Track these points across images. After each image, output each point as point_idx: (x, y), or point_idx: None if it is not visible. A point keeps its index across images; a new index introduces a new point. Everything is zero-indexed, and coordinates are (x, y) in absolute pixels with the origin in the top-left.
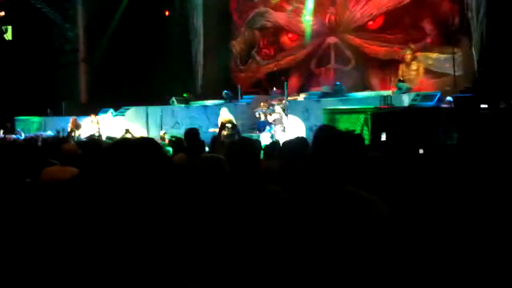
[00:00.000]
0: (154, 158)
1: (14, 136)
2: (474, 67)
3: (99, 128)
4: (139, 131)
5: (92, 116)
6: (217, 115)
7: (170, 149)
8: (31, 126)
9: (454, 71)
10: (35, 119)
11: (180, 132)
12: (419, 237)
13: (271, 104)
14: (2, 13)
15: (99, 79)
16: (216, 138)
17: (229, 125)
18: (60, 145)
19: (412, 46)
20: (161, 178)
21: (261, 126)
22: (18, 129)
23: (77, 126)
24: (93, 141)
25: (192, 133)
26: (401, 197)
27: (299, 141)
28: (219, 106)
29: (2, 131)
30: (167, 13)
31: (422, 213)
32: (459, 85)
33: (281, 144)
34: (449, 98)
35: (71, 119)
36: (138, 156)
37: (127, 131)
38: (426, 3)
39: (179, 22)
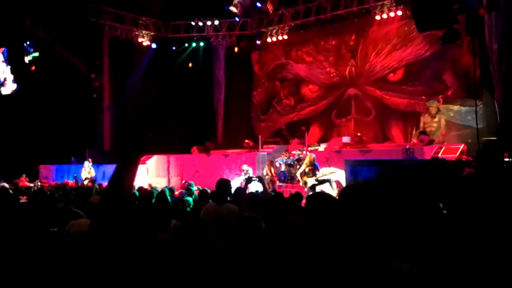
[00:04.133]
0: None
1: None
2: (497, 120)
3: (89, 174)
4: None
5: (86, 163)
6: (237, 163)
7: (190, 199)
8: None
9: (477, 124)
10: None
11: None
12: None
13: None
14: (33, 68)
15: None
16: (240, 190)
17: (255, 178)
18: (82, 194)
19: (440, 98)
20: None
21: (281, 176)
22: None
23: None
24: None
25: (224, 184)
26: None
27: None
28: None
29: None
30: (190, 64)
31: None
32: (482, 138)
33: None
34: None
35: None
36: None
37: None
38: (446, 56)
39: (201, 73)
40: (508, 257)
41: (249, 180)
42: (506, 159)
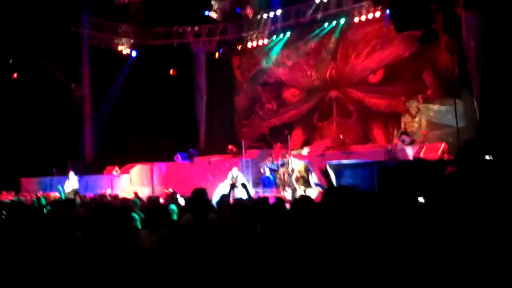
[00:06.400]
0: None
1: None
2: (477, 118)
3: (72, 186)
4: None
5: (71, 174)
6: (221, 170)
7: (175, 208)
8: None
9: (457, 123)
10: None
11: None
12: None
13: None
14: (15, 75)
15: (104, 138)
16: (225, 197)
17: (239, 185)
18: (66, 207)
19: (420, 98)
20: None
21: (265, 181)
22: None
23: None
24: (103, 206)
25: (199, 193)
26: None
27: None
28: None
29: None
30: (171, 71)
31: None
32: (462, 137)
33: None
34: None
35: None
36: None
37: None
38: (425, 56)
39: (182, 80)
40: (492, 251)
41: (232, 187)
42: (487, 157)
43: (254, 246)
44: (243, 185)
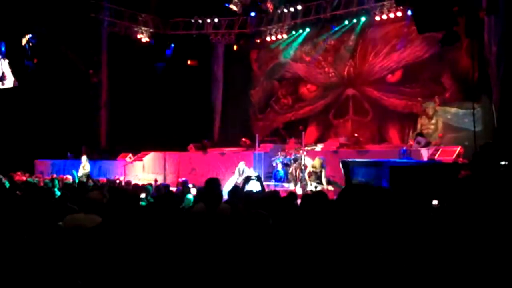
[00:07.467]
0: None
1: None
2: (494, 123)
3: (84, 170)
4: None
5: (84, 158)
6: (234, 162)
7: (190, 197)
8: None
9: (474, 127)
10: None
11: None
12: None
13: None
14: (35, 61)
15: (119, 125)
16: (238, 189)
17: (254, 178)
18: (80, 191)
19: (437, 99)
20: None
21: (277, 175)
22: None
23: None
24: (121, 192)
25: (212, 183)
26: None
27: None
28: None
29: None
30: (189, 62)
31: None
32: (478, 141)
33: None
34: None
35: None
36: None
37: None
38: (445, 58)
39: (200, 71)
40: (506, 255)
41: (247, 180)
42: (502, 162)
43: (265, 238)
44: (258, 178)
